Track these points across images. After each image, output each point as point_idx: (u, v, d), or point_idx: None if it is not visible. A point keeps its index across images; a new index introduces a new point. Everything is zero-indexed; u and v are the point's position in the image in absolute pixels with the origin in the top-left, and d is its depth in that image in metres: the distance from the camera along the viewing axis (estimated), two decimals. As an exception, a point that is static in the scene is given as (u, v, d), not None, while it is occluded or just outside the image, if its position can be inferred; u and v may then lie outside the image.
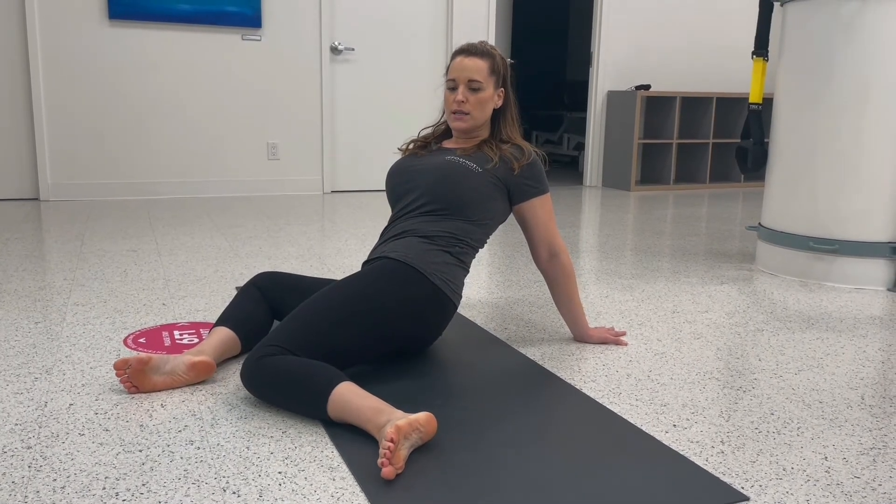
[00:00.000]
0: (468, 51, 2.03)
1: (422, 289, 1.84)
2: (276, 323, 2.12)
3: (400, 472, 1.37)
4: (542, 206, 2.07)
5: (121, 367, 1.71)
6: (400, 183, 2.08)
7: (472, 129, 2.06)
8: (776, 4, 3.24)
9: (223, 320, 1.95)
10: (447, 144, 2.12)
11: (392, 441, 1.35)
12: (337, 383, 1.55)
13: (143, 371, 1.72)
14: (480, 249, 2.09)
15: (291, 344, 1.65)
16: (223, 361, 1.93)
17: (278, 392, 1.61)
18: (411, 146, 2.18)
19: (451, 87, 2.03)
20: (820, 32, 2.92)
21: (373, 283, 1.80)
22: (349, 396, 1.53)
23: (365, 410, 1.50)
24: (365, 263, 1.99)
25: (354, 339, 1.73)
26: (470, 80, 2.00)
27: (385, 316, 1.78)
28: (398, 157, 5.52)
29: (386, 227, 2.05)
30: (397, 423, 1.39)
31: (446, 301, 1.90)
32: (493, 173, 2.01)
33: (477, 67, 2.00)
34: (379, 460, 1.35)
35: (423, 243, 1.92)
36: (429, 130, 2.21)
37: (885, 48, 2.80)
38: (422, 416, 1.45)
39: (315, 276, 2.86)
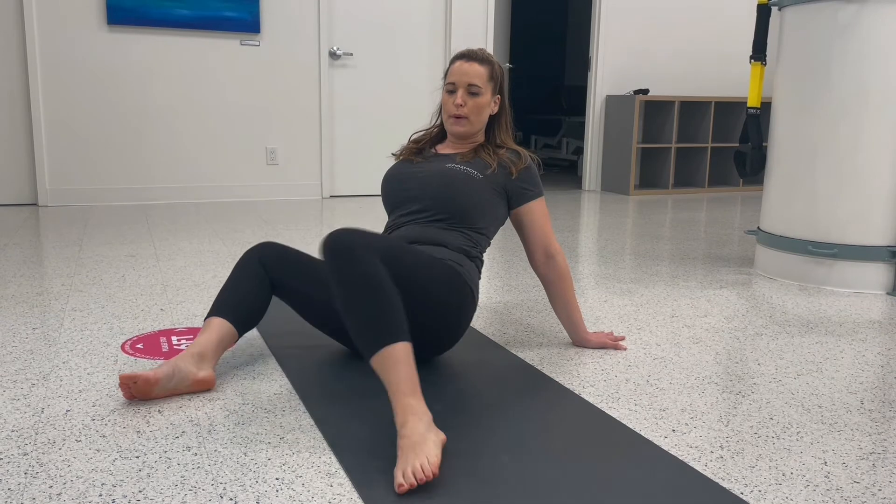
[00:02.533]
0: (469, 56, 2.03)
1: (464, 301, 1.88)
2: (271, 301, 2.04)
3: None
4: (539, 209, 2.08)
5: (126, 383, 1.68)
6: (400, 189, 2.05)
7: (469, 133, 2.06)
8: (774, 9, 3.24)
9: (223, 309, 1.88)
10: (442, 149, 2.12)
11: (429, 478, 1.33)
12: (401, 339, 1.50)
13: (148, 390, 1.70)
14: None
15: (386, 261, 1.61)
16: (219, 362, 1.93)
17: (356, 295, 1.52)
18: (405, 152, 2.16)
19: (451, 90, 2.03)
20: (817, 36, 2.92)
21: (440, 274, 1.80)
22: (403, 359, 1.48)
23: (404, 385, 1.45)
24: None
25: (407, 299, 1.70)
26: (470, 85, 2.00)
27: (432, 306, 1.78)
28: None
29: (385, 233, 2.04)
30: (435, 461, 1.36)
31: (468, 321, 1.93)
32: (494, 179, 2.01)
33: (477, 72, 2.01)
34: (407, 482, 1.32)
35: (456, 254, 1.93)
36: (420, 134, 2.20)
37: (883, 51, 2.80)
38: (438, 459, 1.40)
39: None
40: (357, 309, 1.51)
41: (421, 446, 1.38)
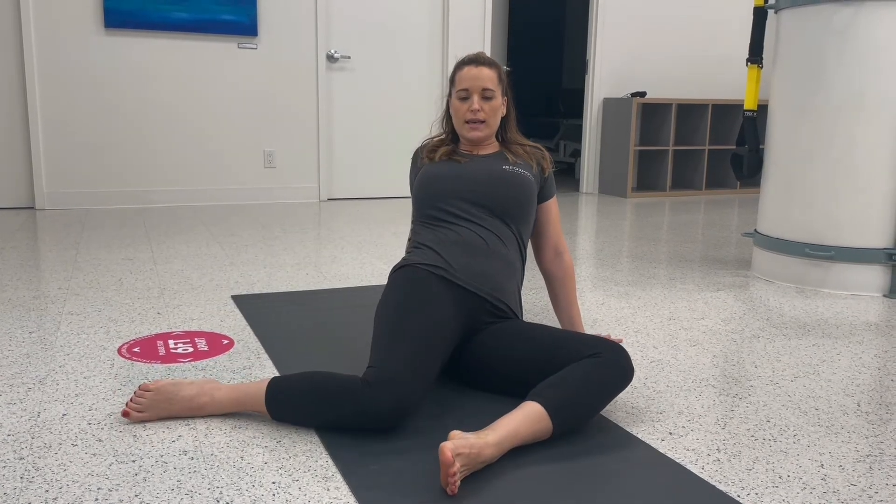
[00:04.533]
0: (477, 61, 2.03)
1: None
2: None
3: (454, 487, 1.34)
4: (555, 206, 2.14)
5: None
6: (450, 189, 1.97)
7: (487, 137, 2.06)
8: (770, 12, 3.25)
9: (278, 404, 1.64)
10: (478, 151, 2.08)
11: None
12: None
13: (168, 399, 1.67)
14: None
15: None
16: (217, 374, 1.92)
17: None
18: (441, 155, 2.08)
19: (464, 97, 2.01)
20: (814, 39, 2.93)
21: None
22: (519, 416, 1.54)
23: (516, 442, 1.51)
24: (443, 278, 1.84)
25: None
26: (484, 89, 2.00)
27: None
28: (397, 164, 5.56)
29: (446, 229, 1.93)
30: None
31: None
32: (536, 177, 2.06)
33: (488, 76, 2.01)
34: (453, 464, 1.33)
35: (516, 281, 1.97)
36: (435, 142, 2.15)
37: (879, 54, 2.81)
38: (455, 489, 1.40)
39: (329, 289, 2.86)
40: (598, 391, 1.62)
41: (476, 465, 1.40)
